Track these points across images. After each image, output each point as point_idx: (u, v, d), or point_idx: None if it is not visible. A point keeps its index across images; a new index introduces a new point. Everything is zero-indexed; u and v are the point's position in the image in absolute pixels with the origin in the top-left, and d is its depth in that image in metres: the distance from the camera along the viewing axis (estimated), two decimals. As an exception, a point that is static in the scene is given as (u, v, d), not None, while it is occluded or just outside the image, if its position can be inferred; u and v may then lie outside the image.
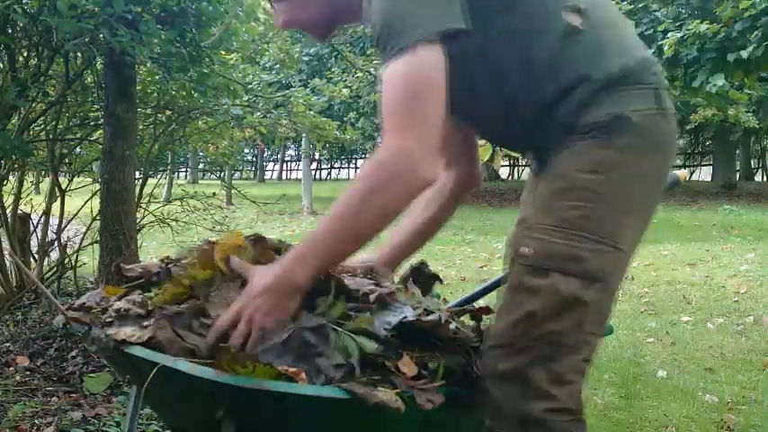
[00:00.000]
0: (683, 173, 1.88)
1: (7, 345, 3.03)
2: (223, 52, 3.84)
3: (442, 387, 1.17)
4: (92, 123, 3.99)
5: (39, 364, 2.87)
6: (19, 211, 3.79)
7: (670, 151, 1.30)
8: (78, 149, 4.19)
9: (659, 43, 8.84)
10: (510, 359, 1.20)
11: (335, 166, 31.68)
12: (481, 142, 1.89)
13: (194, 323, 1.19)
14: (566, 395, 1.20)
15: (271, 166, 32.50)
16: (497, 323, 1.25)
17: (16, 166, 3.67)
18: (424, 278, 1.54)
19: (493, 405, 1.20)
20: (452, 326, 1.25)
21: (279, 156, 31.02)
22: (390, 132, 1.14)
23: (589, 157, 1.22)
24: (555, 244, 1.20)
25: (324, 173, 31.03)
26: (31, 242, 3.88)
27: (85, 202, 3.92)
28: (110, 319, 1.21)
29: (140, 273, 1.38)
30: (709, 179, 21.42)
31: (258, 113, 4.52)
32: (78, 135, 4.04)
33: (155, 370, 1.08)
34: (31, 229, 3.87)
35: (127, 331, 1.16)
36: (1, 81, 3.02)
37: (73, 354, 2.94)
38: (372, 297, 1.26)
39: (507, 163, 23.67)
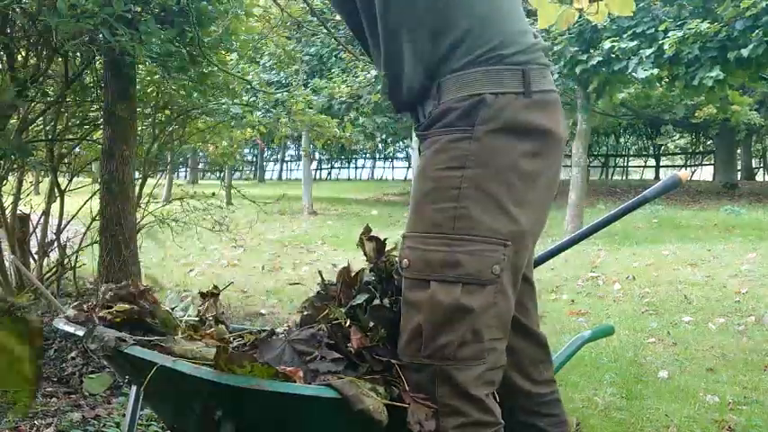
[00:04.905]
0: (685, 173, 1.87)
1: (7, 345, 3.03)
2: (223, 52, 3.84)
3: None
4: (91, 123, 3.98)
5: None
6: (18, 212, 3.78)
7: (547, 138, 1.18)
8: (78, 149, 4.19)
9: (660, 42, 8.82)
10: (413, 378, 1.15)
11: (335, 166, 31.67)
12: None
13: None
14: (476, 409, 1.14)
15: (271, 166, 32.48)
16: (399, 341, 1.19)
17: (15, 166, 3.66)
18: None
19: None
20: None
21: (279, 156, 31.02)
22: None
23: (451, 153, 1.14)
24: (429, 251, 1.13)
25: (324, 173, 31.01)
26: (31, 242, 3.87)
27: (85, 203, 3.91)
28: None
29: None
30: (710, 179, 21.40)
31: (258, 113, 4.52)
32: (78, 135, 4.04)
33: (153, 370, 1.08)
34: (31, 229, 3.86)
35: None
36: (0, 81, 3.01)
37: (72, 354, 2.93)
38: None
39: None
